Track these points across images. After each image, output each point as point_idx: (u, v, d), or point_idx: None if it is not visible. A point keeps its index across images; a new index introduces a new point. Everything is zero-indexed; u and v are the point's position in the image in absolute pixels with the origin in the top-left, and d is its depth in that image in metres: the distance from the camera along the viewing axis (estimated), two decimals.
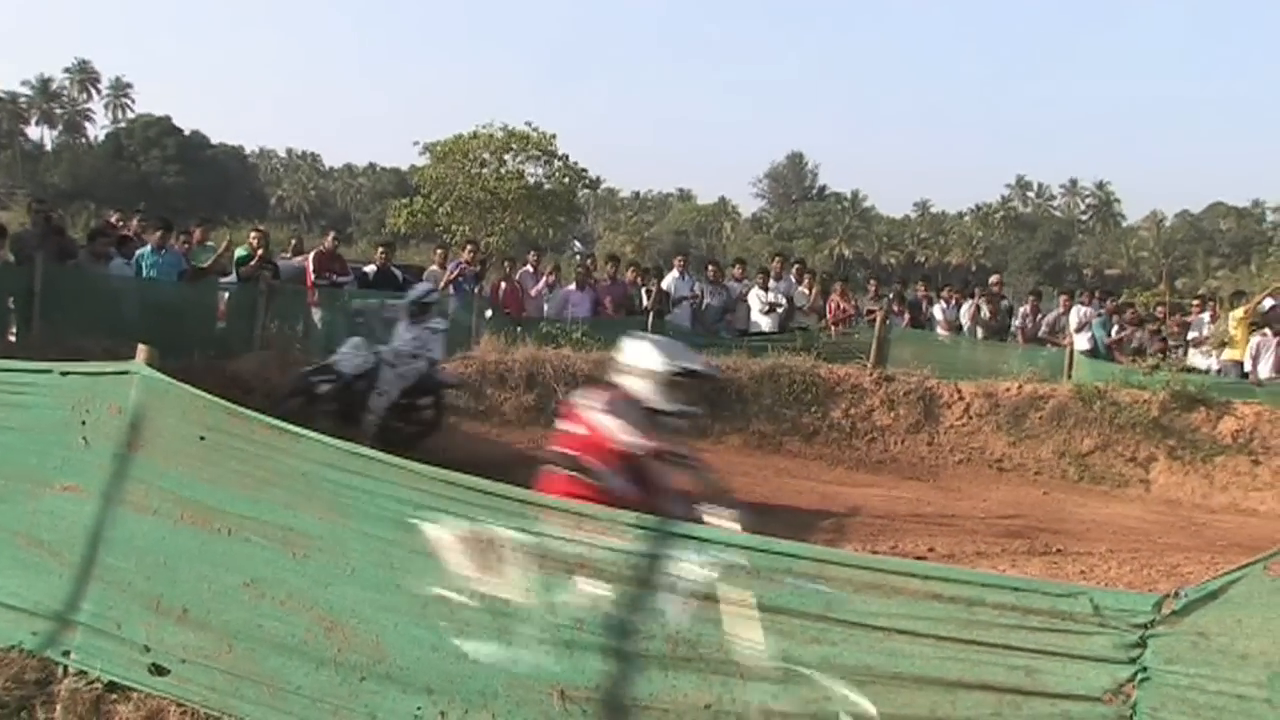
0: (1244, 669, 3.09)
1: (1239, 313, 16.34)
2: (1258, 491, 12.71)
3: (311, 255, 14.96)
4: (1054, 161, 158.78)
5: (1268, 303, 17.18)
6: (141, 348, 4.85)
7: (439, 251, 17.40)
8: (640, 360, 5.13)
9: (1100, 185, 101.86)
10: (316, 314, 14.17)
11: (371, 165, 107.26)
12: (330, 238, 15.79)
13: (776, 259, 18.97)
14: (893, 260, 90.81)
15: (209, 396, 4.78)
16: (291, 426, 4.52)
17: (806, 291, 17.38)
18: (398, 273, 15.89)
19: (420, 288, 11.58)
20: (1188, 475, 13.31)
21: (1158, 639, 3.21)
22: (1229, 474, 13.20)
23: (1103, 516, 11.64)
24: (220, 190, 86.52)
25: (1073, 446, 13.61)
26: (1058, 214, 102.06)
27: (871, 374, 14.33)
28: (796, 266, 18.64)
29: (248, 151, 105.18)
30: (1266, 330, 15.72)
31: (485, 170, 36.38)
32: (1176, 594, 3.24)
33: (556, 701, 3.77)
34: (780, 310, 16.63)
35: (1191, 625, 3.17)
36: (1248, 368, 15.49)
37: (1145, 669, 3.21)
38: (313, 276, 14.31)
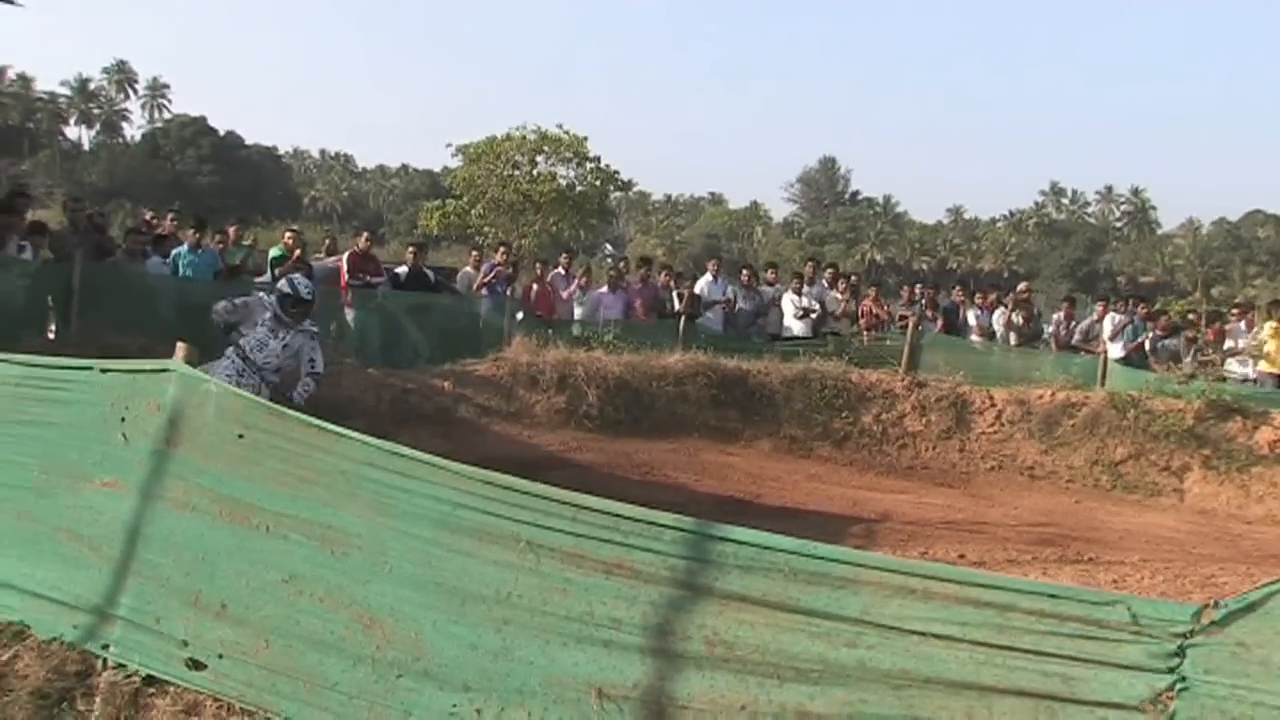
0: None
1: (1273, 324, 16.20)
2: None
3: (346, 256, 15.03)
4: (1089, 168, 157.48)
5: None
6: (180, 345, 4.90)
7: (474, 254, 17.46)
8: None
9: (1136, 192, 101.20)
10: (350, 314, 14.23)
11: (404, 166, 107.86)
12: (364, 238, 15.85)
13: (809, 263, 18.93)
14: (925, 266, 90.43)
15: (247, 394, 4.83)
16: (331, 425, 4.56)
17: (839, 296, 17.33)
18: (429, 273, 15.95)
19: (300, 281, 9.15)
20: (1223, 485, 13.18)
21: (1197, 649, 3.19)
22: (1265, 485, 13.06)
23: (1135, 526, 11.56)
24: (254, 190, 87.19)
25: (1106, 455, 13.51)
26: (1092, 221, 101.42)
27: (903, 380, 14.30)
28: (829, 271, 18.58)
29: (281, 152, 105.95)
30: None
31: (517, 172, 36.47)
32: (1216, 604, 3.22)
33: (594, 700, 3.79)
34: (813, 315, 16.61)
35: (1231, 636, 3.15)
36: None
37: (1184, 679, 3.19)
38: (347, 277, 14.37)
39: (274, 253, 14.54)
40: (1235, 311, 17.76)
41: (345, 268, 14.58)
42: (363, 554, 4.24)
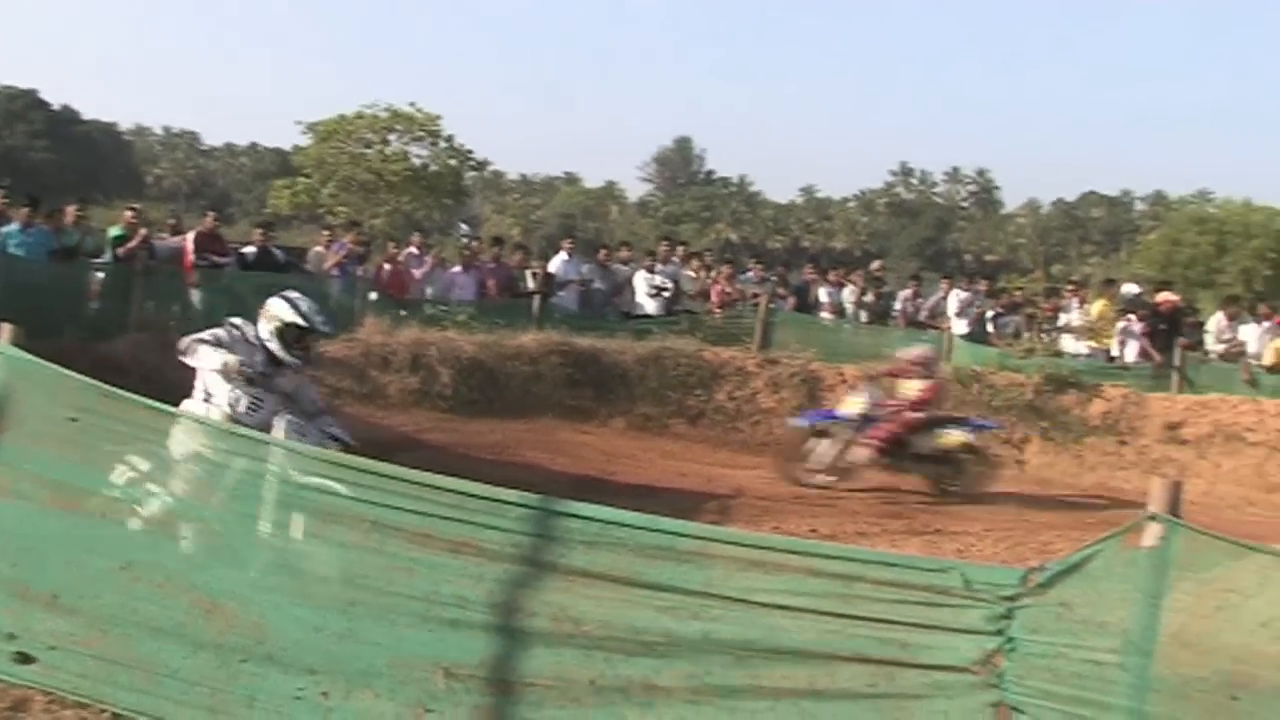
0: (1103, 637, 3.23)
1: (1103, 302, 16.88)
2: (1123, 470, 13.15)
3: (191, 235, 14.62)
4: (937, 149, 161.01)
5: (1134, 289, 17.76)
6: (5, 326, 4.69)
7: (325, 233, 17.14)
8: None
9: (981, 173, 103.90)
10: (196, 295, 13.84)
11: (253, 145, 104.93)
12: (211, 218, 15.43)
13: (663, 242, 19.00)
14: (778, 245, 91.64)
15: (80, 377, 4.65)
16: (169, 408, 4.43)
17: (693, 275, 17.44)
18: (278, 253, 15.58)
19: (305, 303, 6.18)
20: (1059, 456, 13.73)
21: (1024, 611, 3.33)
22: (1098, 454, 13.65)
23: (979, 497, 11.93)
24: (93, 168, 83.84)
25: None
26: (939, 200, 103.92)
27: (756, 357, 14.48)
28: (681, 249, 18.68)
29: (122, 129, 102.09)
30: (1132, 316, 16.26)
31: (369, 151, 35.90)
32: (1041, 568, 3.36)
33: (440, 680, 3.77)
34: (666, 293, 16.68)
35: (1055, 597, 3.30)
36: (1115, 352, 16.00)
37: (1012, 640, 3.33)
38: (192, 257, 13.97)
39: (115, 232, 14.05)
40: (1070, 289, 18.42)
41: (190, 247, 14.17)
42: (203, 538, 4.14)
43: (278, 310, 6.05)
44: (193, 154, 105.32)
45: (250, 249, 15.17)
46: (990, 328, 16.93)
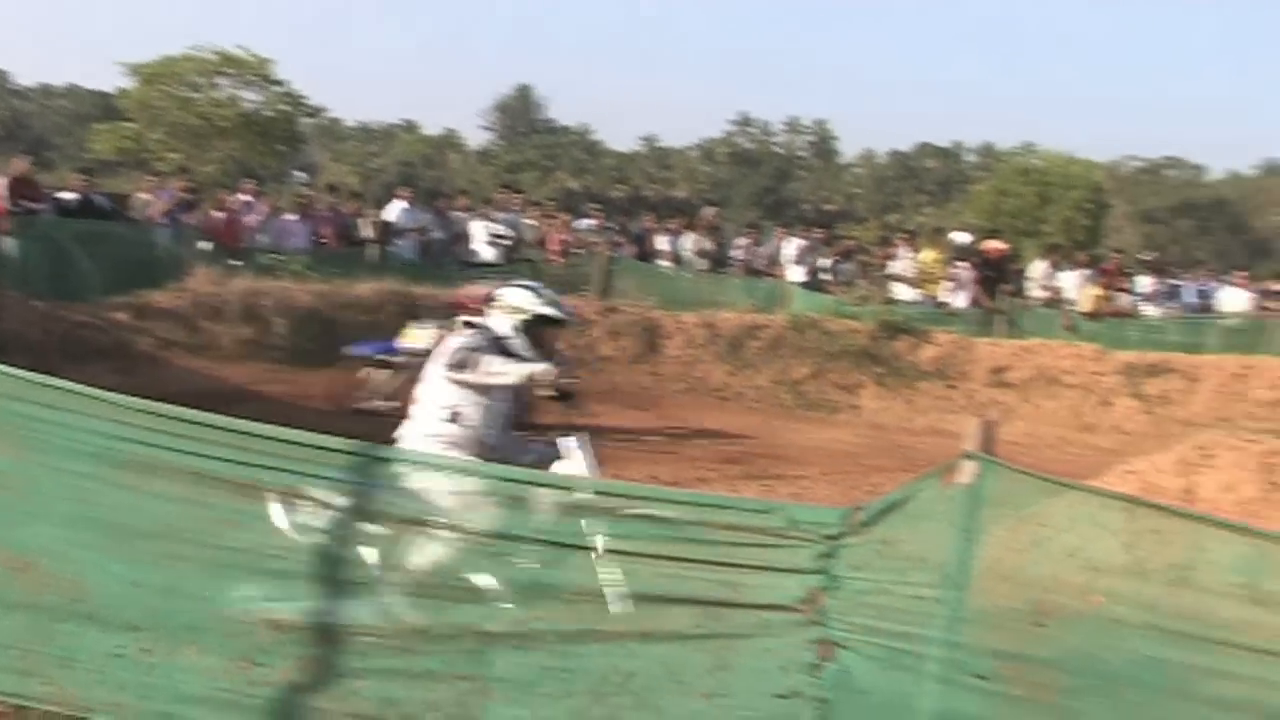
0: (922, 572, 3.34)
1: (933, 252, 17.37)
2: (953, 414, 13.58)
3: (5, 181, 13.91)
4: (776, 99, 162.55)
5: (964, 237, 18.30)
6: None
7: (151, 179, 16.50)
8: None
9: (819, 123, 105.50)
10: (10, 243, 13.20)
11: (72, 86, 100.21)
12: (23, 161, 14.70)
13: (501, 190, 18.86)
14: (620, 194, 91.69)
15: None
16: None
17: (532, 223, 17.35)
18: (103, 200, 14.95)
19: (547, 291, 5.58)
20: (893, 400, 14.16)
21: (847, 549, 3.41)
22: (929, 399, 14.12)
23: (816, 441, 12.23)
24: None
25: (789, 374, 14.22)
26: (779, 150, 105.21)
27: (596, 305, 14.51)
28: (520, 197, 18.57)
29: None
30: (963, 264, 16.76)
31: (197, 95, 34.66)
32: (863, 506, 3.45)
33: (268, 632, 3.70)
34: (505, 242, 16.55)
35: (876, 535, 3.40)
36: (945, 299, 16.48)
37: (835, 577, 3.41)
38: (6, 204, 13.30)
39: None
40: (901, 237, 18.89)
41: (2, 193, 13.48)
42: (11, 494, 3.93)
43: (521, 301, 5.26)
44: (3, 94, 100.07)
45: (71, 195, 14.53)
46: (827, 275, 17.26)
